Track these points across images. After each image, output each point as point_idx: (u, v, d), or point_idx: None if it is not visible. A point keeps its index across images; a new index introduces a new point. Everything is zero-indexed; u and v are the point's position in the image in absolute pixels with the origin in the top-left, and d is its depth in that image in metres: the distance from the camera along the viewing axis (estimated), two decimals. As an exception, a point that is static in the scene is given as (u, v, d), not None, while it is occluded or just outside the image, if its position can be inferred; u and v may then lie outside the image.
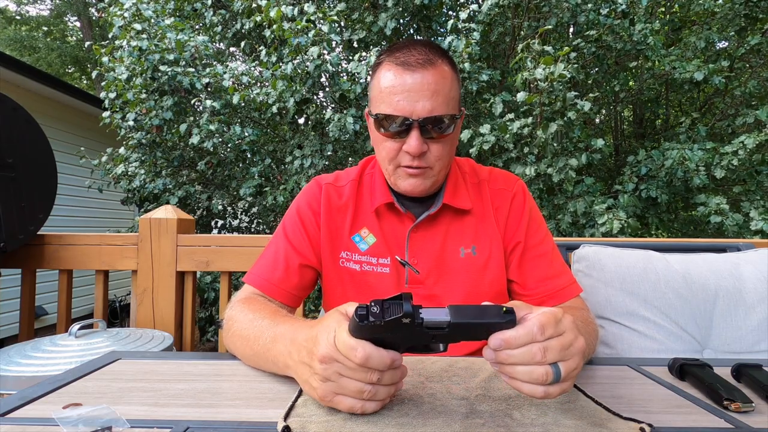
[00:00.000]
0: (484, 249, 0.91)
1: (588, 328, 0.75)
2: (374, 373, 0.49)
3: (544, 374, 0.47)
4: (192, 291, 1.63)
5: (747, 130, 3.58)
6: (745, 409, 0.55)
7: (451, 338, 0.49)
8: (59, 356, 1.14)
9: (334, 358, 0.50)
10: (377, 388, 0.50)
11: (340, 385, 0.50)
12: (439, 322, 0.48)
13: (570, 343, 0.49)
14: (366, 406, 0.51)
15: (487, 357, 0.50)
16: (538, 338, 0.48)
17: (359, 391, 0.50)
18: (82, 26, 13.77)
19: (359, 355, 0.48)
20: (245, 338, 0.70)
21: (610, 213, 2.82)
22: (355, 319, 0.48)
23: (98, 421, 0.49)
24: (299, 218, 0.94)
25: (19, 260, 1.60)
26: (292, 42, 3.22)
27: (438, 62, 0.81)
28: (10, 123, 1.48)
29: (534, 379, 0.48)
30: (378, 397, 0.51)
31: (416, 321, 0.47)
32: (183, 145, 4.01)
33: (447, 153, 0.85)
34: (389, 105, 0.80)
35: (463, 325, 0.48)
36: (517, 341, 0.48)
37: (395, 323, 0.47)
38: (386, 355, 0.49)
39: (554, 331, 0.49)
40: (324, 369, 0.50)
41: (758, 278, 1.14)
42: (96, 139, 5.70)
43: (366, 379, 0.50)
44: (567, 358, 0.49)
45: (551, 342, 0.48)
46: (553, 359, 0.48)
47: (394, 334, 0.49)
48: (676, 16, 4.35)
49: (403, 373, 0.53)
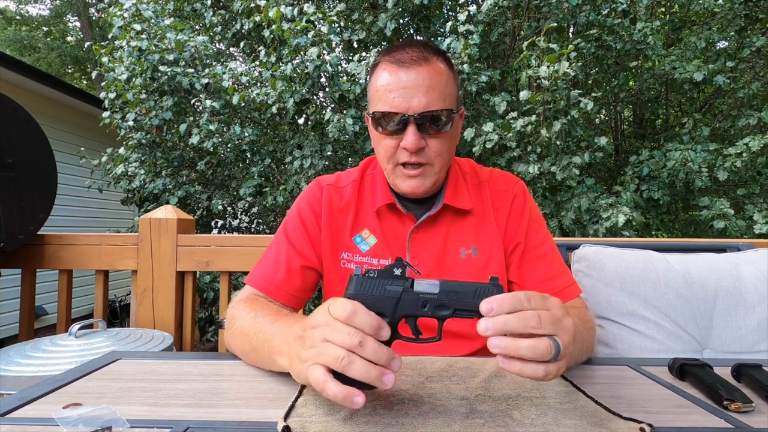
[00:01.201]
0: (485, 250, 0.91)
1: (585, 326, 0.75)
2: (356, 334, 0.47)
3: (547, 347, 0.46)
4: (192, 291, 1.63)
5: (750, 131, 3.58)
6: (745, 409, 0.55)
7: (441, 305, 0.51)
8: (59, 356, 1.14)
9: (324, 322, 0.50)
10: (353, 358, 0.47)
11: (320, 350, 0.49)
12: (429, 283, 0.51)
13: (560, 319, 0.49)
14: (327, 385, 0.47)
15: (482, 329, 0.47)
16: (525, 305, 0.48)
17: (335, 357, 0.47)
18: (82, 26, 13.77)
19: (348, 308, 0.48)
20: (246, 334, 0.70)
21: (613, 208, 2.82)
22: (352, 276, 0.52)
23: (98, 421, 0.49)
24: (300, 220, 0.94)
25: (19, 260, 1.60)
26: (292, 42, 3.22)
27: (432, 59, 0.82)
28: (10, 123, 1.48)
29: (539, 355, 0.46)
30: (352, 369, 0.47)
31: (406, 275, 0.51)
32: (183, 145, 4.00)
33: (446, 149, 0.85)
34: (385, 102, 0.81)
35: (452, 288, 0.50)
36: (504, 302, 0.48)
37: (387, 273, 0.51)
38: (374, 317, 0.49)
39: (541, 304, 0.49)
40: (311, 333, 0.51)
41: (758, 278, 1.14)
42: (96, 139, 5.70)
43: (347, 341, 0.47)
44: (559, 332, 0.49)
45: (541, 312, 0.48)
46: (547, 330, 0.47)
47: (388, 299, 0.51)
48: (676, 16, 4.35)
49: (390, 356, 0.48)
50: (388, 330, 0.50)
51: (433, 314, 0.51)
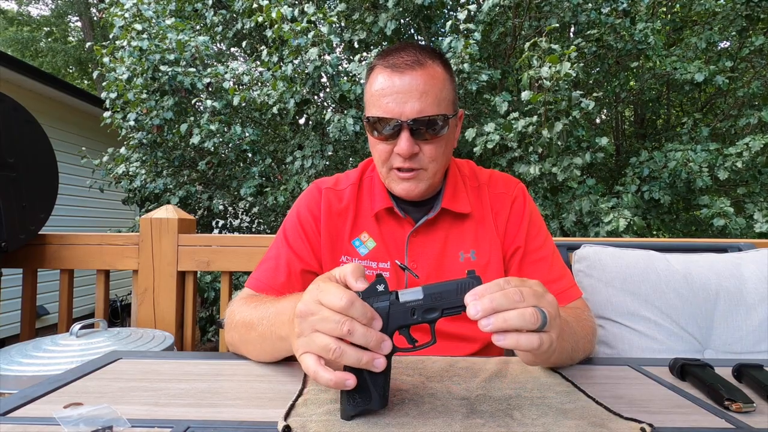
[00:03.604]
0: (484, 253, 0.91)
1: (581, 324, 0.75)
2: (346, 323, 0.47)
3: (533, 314, 0.49)
4: (193, 291, 1.63)
5: (750, 131, 3.58)
6: (746, 410, 0.55)
7: (429, 309, 0.52)
8: (60, 356, 1.15)
9: (312, 311, 0.50)
10: (343, 347, 0.48)
11: (310, 340, 0.50)
12: (412, 292, 0.52)
13: (541, 294, 0.52)
14: (319, 374, 0.48)
15: (472, 313, 0.49)
16: (506, 287, 0.50)
17: (325, 348, 0.48)
18: (83, 26, 13.79)
19: (345, 299, 0.48)
20: (248, 324, 0.70)
21: (614, 212, 2.82)
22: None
23: (99, 420, 0.49)
24: (300, 223, 0.94)
25: (21, 260, 1.60)
26: (292, 43, 3.22)
27: (428, 63, 0.82)
28: (11, 123, 1.49)
29: (527, 321, 0.48)
30: (344, 358, 0.48)
31: (387, 287, 0.52)
32: (184, 145, 4.01)
33: (441, 154, 0.85)
34: (379, 108, 0.81)
35: (435, 290, 0.52)
36: (487, 290, 0.49)
37: (371, 292, 0.51)
38: (369, 309, 0.49)
39: (520, 283, 0.51)
40: (300, 323, 0.51)
41: (759, 278, 1.14)
42: (97, 138, 5.71)
43: (337, 330, 0.48)
44: (543, 304, 0.51)
45: (522, 288, 0.50)
46: (530, 302, 0.50)
47: (378, 314, 0.52)
48: (677, 16, 4.35)
49: (379, 339, 0.49)
50: (379, 321, 0.50)
51: (423, 319, 0.52)
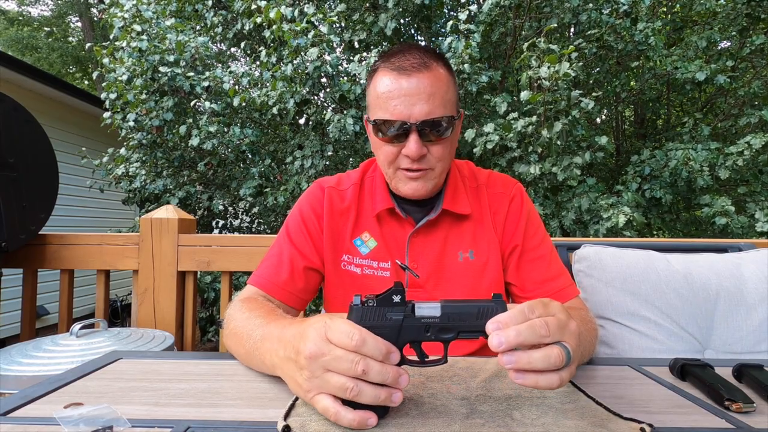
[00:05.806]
0: (482, 253, 0.91)
1: (586, 327, 0.75)
2: (361, 362, 0.46)
3: (559, 356, 0.46)
4: (193, 291, 1.63)
5: (751, 130, 3.57)
6: (746, 410, 0.55)
7: (445, 329, 0.50)
8: (60, 356, 1.15)
9: (322, 351, 0.48)
10: (361, 386, 0.47)
11: (324, 380, 0.48)
12: (430, 307, 0.50)
13: (565, 323, 0.50)
14: (341, 414, 0.47)
15: (494, 344, 0.46)
16: (530, 316, 0.48)
17: (342, 388, 0.47)
18: (83, 27, 13.79)
19: (356, 337, 0.47)
20: (238, 336, 0.69)
21: (614, 208, 2.81)
22: (352, 306, 0.50)
23: (99, 420, 0.49)
24: (302, 221, 0.94)
25: (21, 260, 1.60)
26: (292, 43, 3.22)
27: (433, 65, 0.82)
28: (11, 123, 1.49)
29: (551, 364, 0.46)
30: (362, 397, 0.47)
31: (404, 298, 0.49)
32: (183, 146, 4.01)
33: (447, 154, 0.86)
34: (387, 110, 0.81)
35: (455, 310, 0.49)
36: (511, 320, 0.47)
37: (387, 300, 0.49)
38: (383, 343, 0.48)
39: (544, 311, 0.49)
40: (310, 364, 0.49)
41: (759, 278, 1.14)
42: (97, 139, 5.71)
43: (351, 370, 0.47)
44: (566, 337, 0.49)
45: (548, 319, 0.48)
46: (555, 336, 0.47)
47: (390, 328, 0.50)
48: (677, 16, 4.34)
49: (396, 375, 0.48)
50: (397, 354, 0.49)
51: (436, 338, 0.50)
